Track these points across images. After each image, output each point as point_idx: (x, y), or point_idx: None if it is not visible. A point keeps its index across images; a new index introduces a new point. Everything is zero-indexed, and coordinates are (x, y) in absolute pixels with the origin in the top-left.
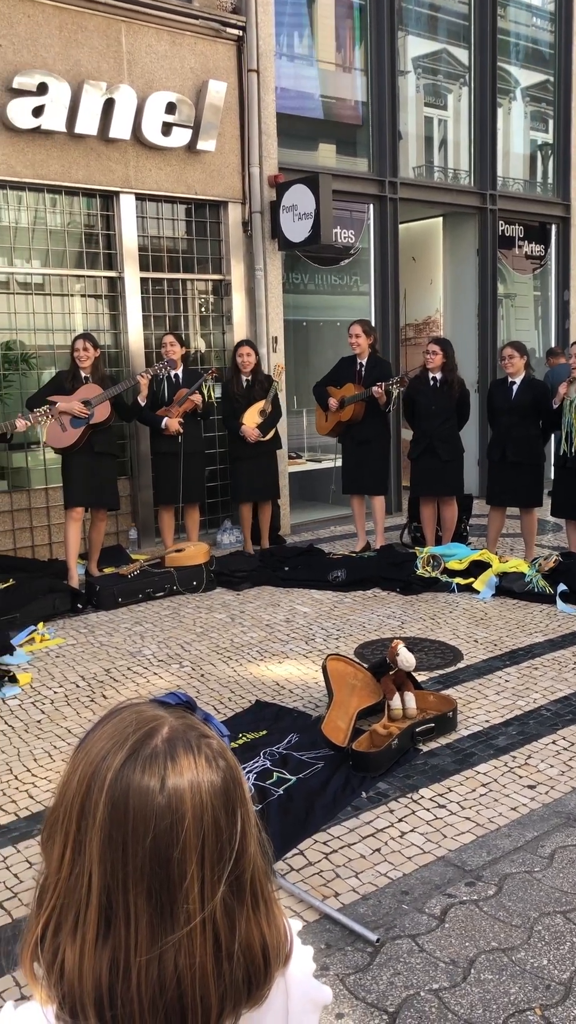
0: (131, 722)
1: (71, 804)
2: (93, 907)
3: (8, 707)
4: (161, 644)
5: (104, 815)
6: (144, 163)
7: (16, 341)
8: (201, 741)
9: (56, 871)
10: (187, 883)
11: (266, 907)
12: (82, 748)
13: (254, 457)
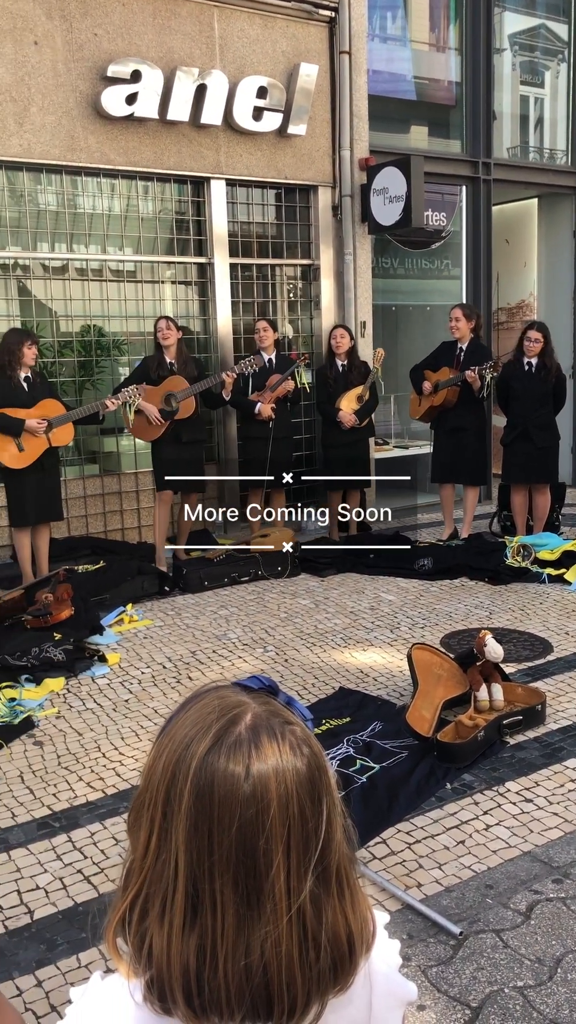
0: (214, 708)
1: (156, 790)
2: (180, 894)
3: (97, 686)
4: (246, 628)
5: (189, 804)
6: (235, 148)
7: (107, 327)
8: (285, 728)
9: (142, 856)
10: (273, 872)
11: (351, 894)
12: (166, 733)
13: (347, 444)
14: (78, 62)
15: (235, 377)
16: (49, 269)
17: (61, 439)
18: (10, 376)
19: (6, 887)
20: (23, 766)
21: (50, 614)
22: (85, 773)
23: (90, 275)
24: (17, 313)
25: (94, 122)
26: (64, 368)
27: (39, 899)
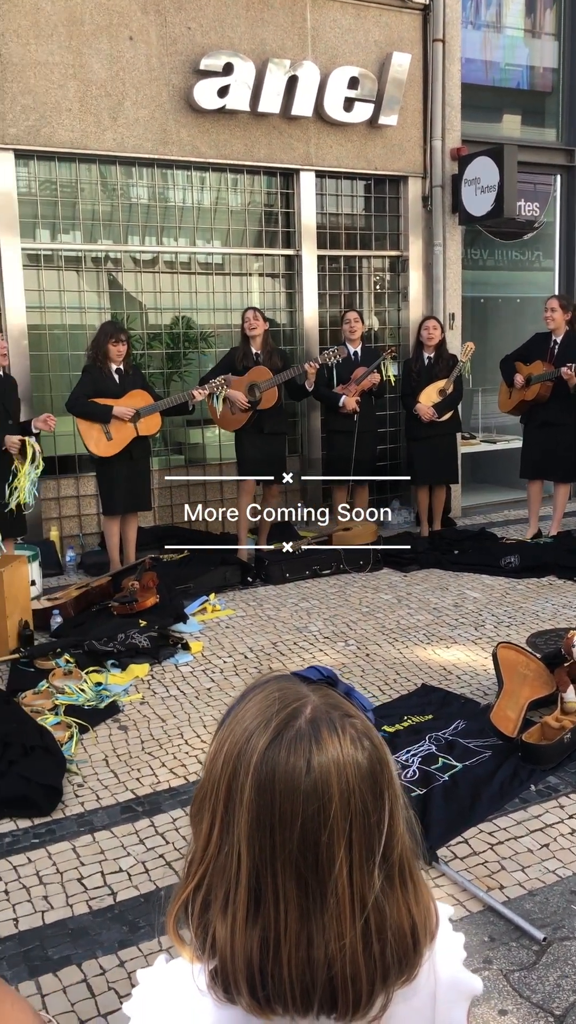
0: (274, 700)
1: (218, 782)
2: (243, 887)
3: (180, 673)
4: (327, 621)
5: (251, 797)
6: (325, 139)
7: (195, 320)
8: (345, 721)
9: (204, 847)
10: (336, 866)
11: (414, 886)
12: (227, 724)
13: (431, 438)
14: (171, 56)
15: (318, 367)
16: (139, 262)
17: (149, 429)
18: (101, 367)
19: (91, 868)
20: (108, 750)
21: (136, 601)
22: (168, 759)
23: (179, 268)
24: (107, 306)
25: (186, 115)
26: (152, 360)
27: (122, 881)
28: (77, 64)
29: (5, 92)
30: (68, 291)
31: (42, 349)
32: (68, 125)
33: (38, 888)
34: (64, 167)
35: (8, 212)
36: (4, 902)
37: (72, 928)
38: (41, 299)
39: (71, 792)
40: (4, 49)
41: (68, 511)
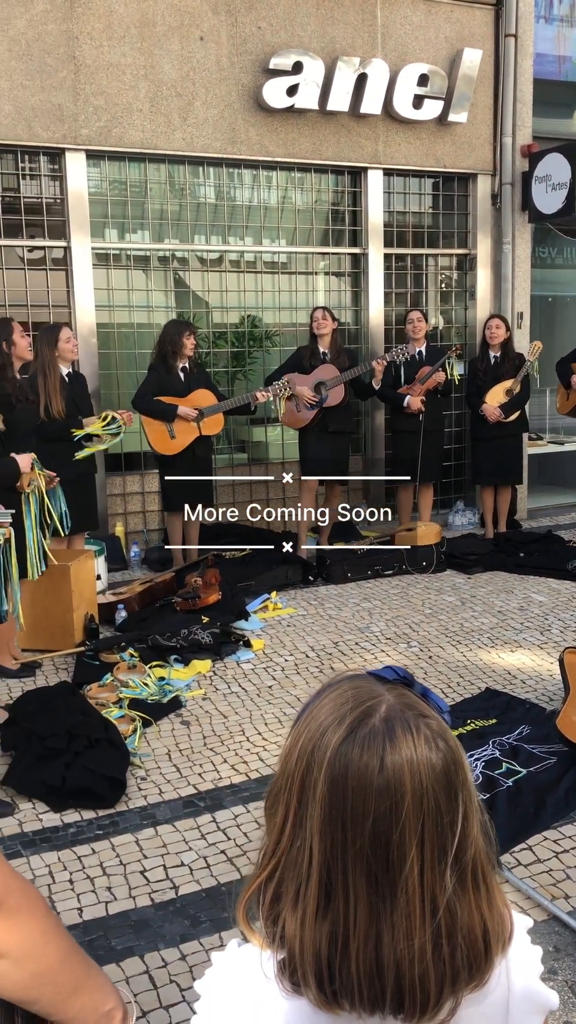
0: (349, 698)
1: (292, 777)
2: (314, 881)
3: (242, 670)
4: (389, 622)
5: (324, 793)
6: (393, 137)
7: (260, 318)
8: (420, 721)
9: (277, 839)
10: (407, 865)
11: (487, 891)
12: (302, 720)
13: (497, 439)
14: (241, 56)
15: (385, 364)
16: (206, 261)
17: (212, 428)
18: (170, 365)
19: (153, 861)
20: (171, 744)
21: (199, 597)
22: (229, 755)
23: (245, 267)
24: (174, 305)
25: (255, 115)
26: (218, 359)
27: (184, 875)
28: (148, 65)
29: (78, 94)
30: (136, 290)
31: (110, 347)
32: (139, 125)
33: (102, 879)
34: (134, 167)
35: (80, 212)
36: (69, 891)
37: (135, 920)
38: (110, 298)
39: (134, 785)
40: (78, 52)
41: (133, 507)
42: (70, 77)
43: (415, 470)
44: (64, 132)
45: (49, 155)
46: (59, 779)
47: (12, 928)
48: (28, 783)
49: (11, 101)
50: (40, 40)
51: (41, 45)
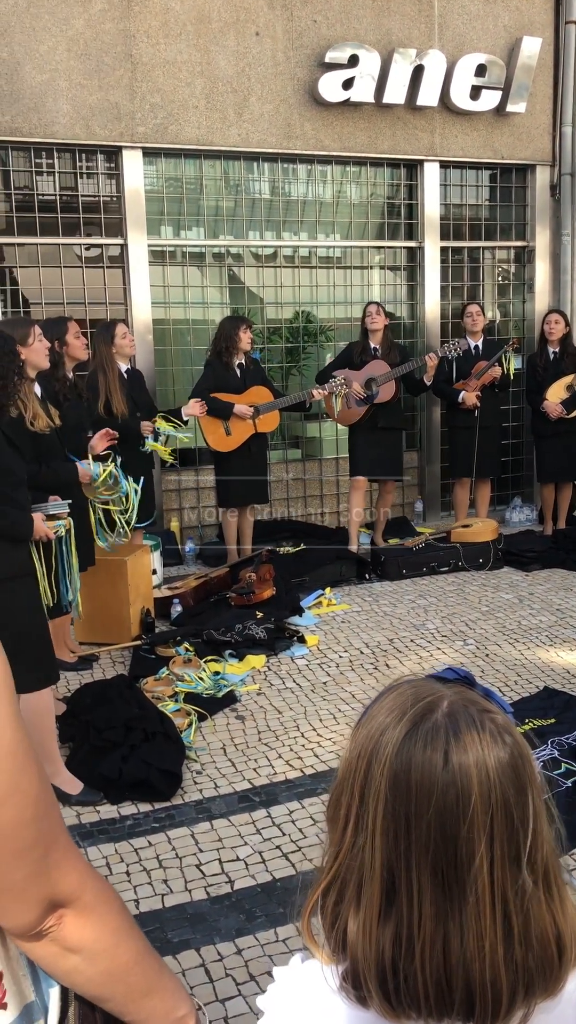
0: (409, 696)
1: (354, 777)
2: (376, 881)
3: (296, 666)
4: (445, 619)
5: (385, 790)
6: (450, 129)
7: (315, 314)
8: (484, 716)
9: (338, 841)
10: (475, 863)
11: (560, 894)
12: (363, 723)
13: (558, 435)
14: (297, 50)
15: (438, 360)
16: (260, 257)
17: (267, 426)
18: (226, 362)
19: (209, 855)
20: (226, 738)
21: (253, 593)
22: (284, 751)
23: (299, 262)
24: (228, 301)
25: (310, 109)
26: (272, 354)
27: (239, 870)
28: (204, 62)
29: (135, 91)
30: (191, 286)
31: (165, 344)
32: (195, 122)
33: (158, 872)
34: (189, 163)
35: (136, 209)
36: (126, 883)
37: (191, 913)
38: (165, 295)
39: (190, 779)
40: (135, 50)
41: (188, 502)
42: (127, 75)
43: (471, 466)
44: (121, 130)
45: (106, 153)
46: (116, 771)
47: (87, 925)
48: (86, 775)
49: (70, 101)
50: (98, 39)
51: (99, 44)
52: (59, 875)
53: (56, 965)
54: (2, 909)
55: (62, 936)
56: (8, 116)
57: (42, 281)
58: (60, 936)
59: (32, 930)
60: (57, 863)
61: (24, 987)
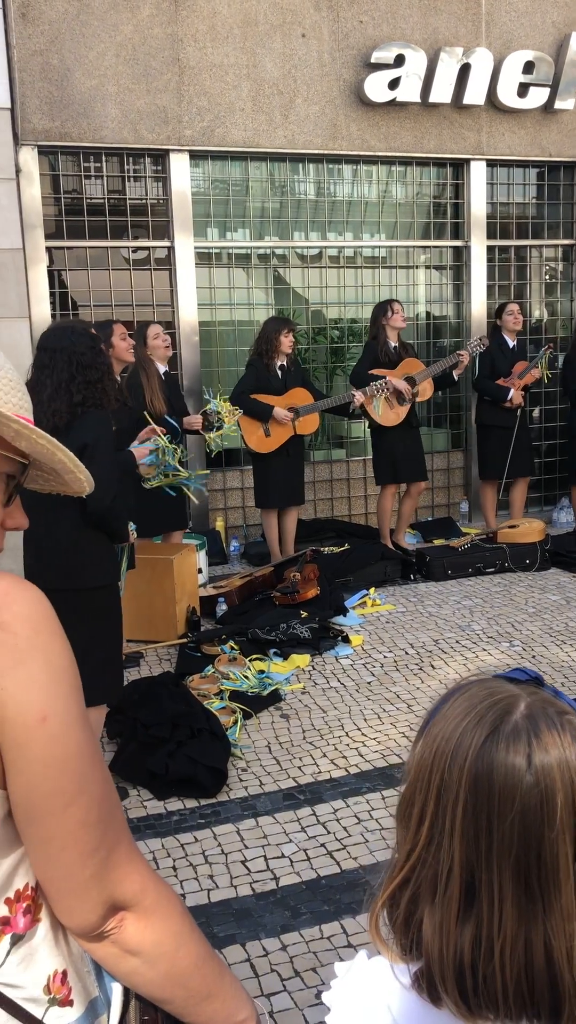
0: (484, 698)
1: (429, 781)
2: (455, 883)
3: (341, 666)
4: (491, 620)
5: (467, 794)
6: (497, 127)
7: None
8: (562, 717)
9: (412, 841)
10: (561, 865)
11: None
12: (432, 725)
13: None
14: (343, 51)
15: (471, 358)
16: (306, 258)
17: (307, 428)
18: (267, 363)
19: (254, 851)
20: (270, 737)
21: (297, 592)
22: (329, 750)
23: (344, 262)
24: (273, 302)
25: (356, 109)
26: (316, 355)
27: (284, 867)
28: (251, 64)
29: (182, 95)
30: (237, 288)
31: (211, 345)
32: (241, 124)
33: (204, 867)
34: (236, 165)
35: (183, 211)
36: (172, 878)
37: (236, 909)
38: (211, 296)
39: (235, 776)
40: (182, 54)
41: (233, 502)
42: (174, 79)
43: (503, 467)
44: (168, 133)
45: (153, 156)
46: (163, 767)
47: (147, 928)
48: (133, 770)
49: (118, 105)
50: (146, 44)
51: (147, 49)
52: (121, 877)
53: (117, 966)
54: (66, 909)
55: (122, 939)
56: (58, 121)
57: (91, 284)
58: (120, 939)
59: (94, 931)
60: (119, 865)
61: (88, 984)
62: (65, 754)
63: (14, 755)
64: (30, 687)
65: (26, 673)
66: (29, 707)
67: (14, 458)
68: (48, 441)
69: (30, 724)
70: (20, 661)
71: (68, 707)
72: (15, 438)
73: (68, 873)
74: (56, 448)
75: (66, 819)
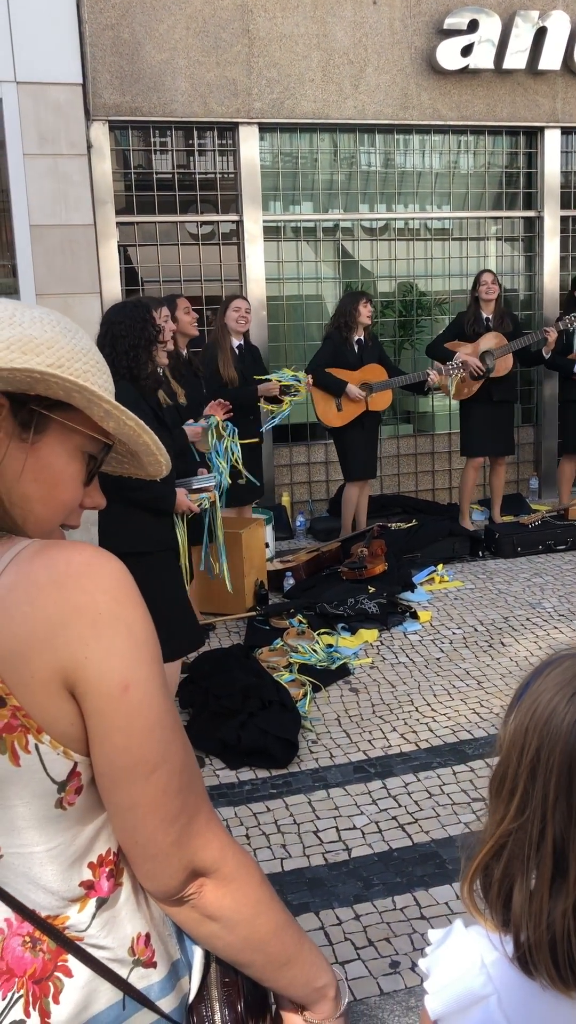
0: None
1: (522, 756)
2: (547, 857)
3: (409, 641)
4: (562, 598)
5: (561, 770)
6: (573, 93)
7: (429, 287)
8: None
9: (502, 818)
10: None
11: None
12: (524, 701)
13: None
14: (415, 17)
15: (558, 333)
16: (374, 231)
17: (379, 404)
18: (346, 337)
19: (326, 822)
20: (340, 710)
21: (365, 568)
22: (399, 724)
23: (416, 234)
24: (340, 275)
25: (428, 78)
26: (385, 328)
27: (356, 839)
28: (321, 34)
29: (252, 67)
30: (304, 261)
31: (279, 320)
32: (311, 96)
33: (276, 836)
34: (303, 137)
35: (252, 185)
36: (246, 846)
37: (309, 878)
38: (279, 270)
39: (305, 748)
40: (252, 25)
41: (299, 477)
42: (244, 51)
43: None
44: (238, 106)
45: (221, 130)
46: (235, 737)
47: (227, 895)
48: (205, 740)
49: (188, 78)
50: (216, 16)
51: (216, 21)
52: (201, 844)
53: (196, 930)
54: (148, 874)
55: (202, 904)
56: (128, 96)
57: (160, 258)
58: (200, 903)
59: (175, 895)
60: (200, 832)
61: (170, 947)
62: (148, 723)
63: (98, 723)
64: (112, 656)
65: (109, 643)
66: (112, 676)
67: (99, 438)
68: (136, 423)
69: (113, 693)
70: (103, 631)
71: (150, 676)
72: (104, 418)
73: (151, 839)
74: (143, 430)
75: (149, 787)
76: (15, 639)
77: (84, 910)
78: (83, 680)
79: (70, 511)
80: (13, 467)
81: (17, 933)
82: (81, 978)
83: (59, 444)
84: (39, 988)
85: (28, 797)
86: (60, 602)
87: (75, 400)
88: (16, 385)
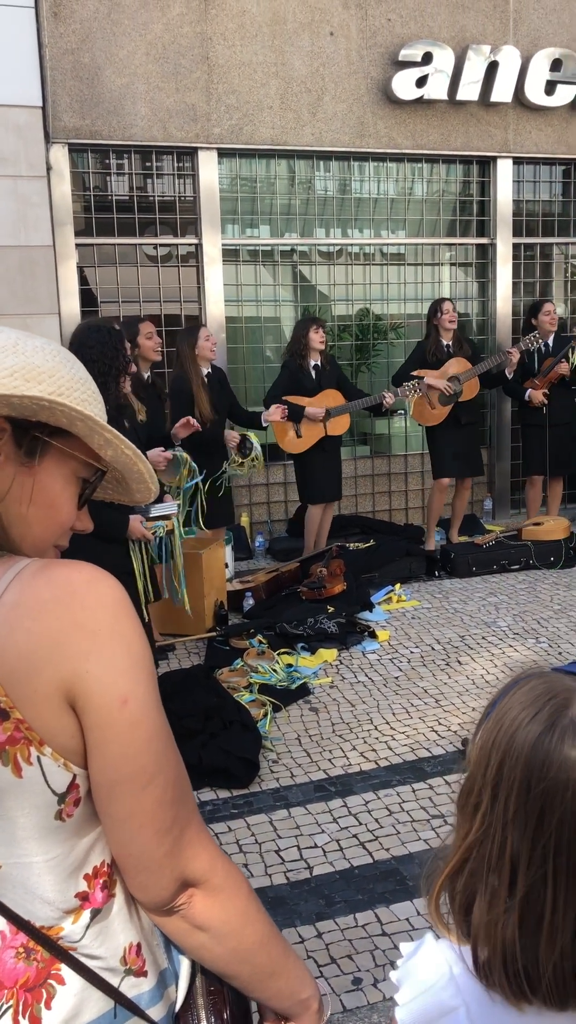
0: (543, 692)
1: (486, 771)
2: (505, 870)
3: (368, 660)
4: (516, 617)
5: (521, 786)
6: (524, 125)
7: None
8: None
9: (467, 833)
10: None
11: None
12: (492, 718)
13: None
14: (371, 49)
15: (520, 354)
16: (331, 255)
17: (337, 428)
18: (301, 364)
19: (287, 841)
20: (300, 729)
21: (324, 587)
22: (358, 743)
23: (371, 259)
24: (298, 299)
25: (383, 107)
26: (342, 352)
27: (317, 857)
28: (279, 62)
29: (211, 93)
30: (263, 285)
31: (238, 342)
32: (269, 122)
33: (238, 856)
34: (262, 163)
35: (211, 208)
36: None
37: (271, 896)
38: (238, 293)
39: (266, 767)
40: (211, 52)
41: (258, 498)
42: (203, 77)
43: (544, 464)
44: (197, 131)
45: (181, 154)
46: (196, 757)
47: (215, 905)
48: None
49: (148, 103)
50: (176, 43)
51: (176, 48)
52: (192, 856)
53: (185, 940)
54: (140, 885)
55: (191, 914)
56: (88, 119)
57: (119, 280)
58: (189, 914)
59: (165, 906)
60: (191, 843)
61: (159, 956)
62: (145, 736)
63: (97, 736)
64: (112, 671)
65: (109, 658)
66: (112, 690)
67: (93, 464)
68: (133, 452)
69: (112, 707)
70: (103, 647)
71: (147, 691)
72: (103, 446)
73: (144, 850)
74: (139, 459)
75: (144, 798)
76: (19, 654)
77: (79, 921)
78: (84, 693)
79: (64, 533)
80: (15, 490)
81: (11, 945)
82: (74, 986)
83: (57, 469)
84: (31, 995)
85: (29, 808)
86: (63, 618)
87: (77, 428)
88: (20, 411)
